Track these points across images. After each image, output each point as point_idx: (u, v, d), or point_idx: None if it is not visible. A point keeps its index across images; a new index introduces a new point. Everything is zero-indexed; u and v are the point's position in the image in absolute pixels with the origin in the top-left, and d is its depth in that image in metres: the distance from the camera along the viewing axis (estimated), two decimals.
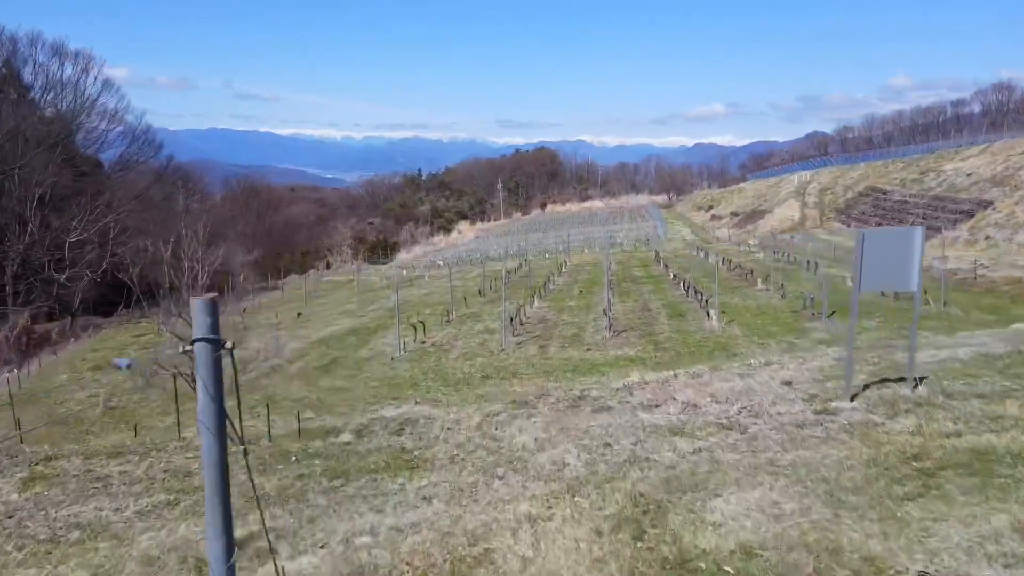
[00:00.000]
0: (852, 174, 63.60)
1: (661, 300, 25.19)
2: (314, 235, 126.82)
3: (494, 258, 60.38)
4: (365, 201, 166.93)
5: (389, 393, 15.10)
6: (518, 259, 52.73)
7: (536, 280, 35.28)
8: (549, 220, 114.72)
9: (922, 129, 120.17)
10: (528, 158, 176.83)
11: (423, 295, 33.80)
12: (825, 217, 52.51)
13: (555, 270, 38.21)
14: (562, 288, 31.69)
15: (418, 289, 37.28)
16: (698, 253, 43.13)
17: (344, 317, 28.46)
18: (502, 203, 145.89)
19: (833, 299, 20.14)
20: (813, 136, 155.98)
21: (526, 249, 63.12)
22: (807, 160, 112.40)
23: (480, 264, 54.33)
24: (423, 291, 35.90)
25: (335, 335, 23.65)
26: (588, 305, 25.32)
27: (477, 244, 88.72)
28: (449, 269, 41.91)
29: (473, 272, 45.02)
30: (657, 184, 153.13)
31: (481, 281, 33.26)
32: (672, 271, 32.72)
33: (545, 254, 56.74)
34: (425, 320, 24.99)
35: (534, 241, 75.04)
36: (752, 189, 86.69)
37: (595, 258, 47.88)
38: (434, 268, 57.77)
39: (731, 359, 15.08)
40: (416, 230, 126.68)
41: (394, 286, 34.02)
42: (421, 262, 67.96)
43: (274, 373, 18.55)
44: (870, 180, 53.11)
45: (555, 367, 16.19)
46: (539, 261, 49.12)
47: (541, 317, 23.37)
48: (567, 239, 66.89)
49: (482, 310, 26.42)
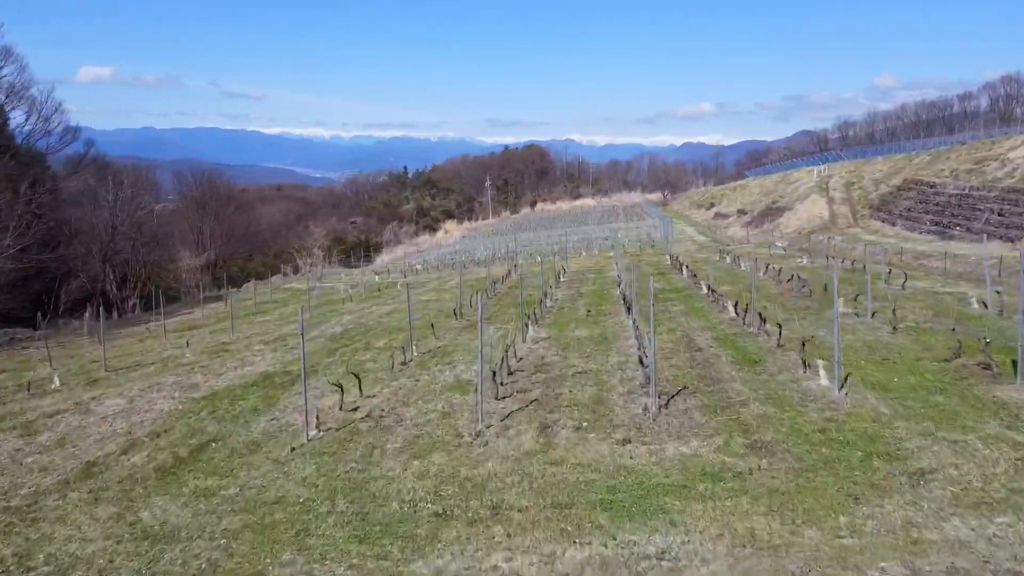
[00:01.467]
0: (875, 168, 56.37)
1: (707, 329, 17.51)
2: (294, 235, 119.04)
3: (480, 261, 52.58)
4: (349, 200, 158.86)
5: (236, 569, 7.34)
6: (506, 262, 44.97)
7: (529, 292, 27.57)
8: (540, 219, 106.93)
9: (925, 124, 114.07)
10: (517, 156, 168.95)
11: (384, 314, 25.96)
12: (859, 214, 45.18)
13: (551, 278, 30.57)
14: (563, 305, 23.96)
15: (381, 306, 29.41)
16: (722, 257, 35.52)
17: (272, 348, 20.61)
18: (491, 202, 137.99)
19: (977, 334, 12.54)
20: (810, 135, 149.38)
21: (516, 251, 55.38)
22: (810, 156, 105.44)
23: (463, 269, 46.56)
24: (387, 308, 28.05)
25: (239, 385, 15.81)
26: (604, 336, 17.60)
27: (463, 245, 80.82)
28: (407, 289, 34.15)
29: (452, 281, 37.30)
30: (650, 182, 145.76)
31: (458, 296, 25.50)
32: (703, 281, 25.07)
33: (537, 257, 49.06)
34: (372, 360, 17.19)
35: (524, 242, 67.30)
36: (757, 186, 79.34)
37: (596, 262, 40.17)
38: (411, 272, 49.88)
39: (917, 485, 7.54)
40: (400, 230, 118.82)
41: (347, 300, 26.48)
42: (399, 265, 60.05)
43: (59, 492, 10.46)
44: (905, 173, 45.87)
45: (572, 492, 8.46)
46: (531, 267, 41.38)
47: (539, 359, 15.63)
48: (563, 240, 59.22)
49: (455, 342, 18.65)
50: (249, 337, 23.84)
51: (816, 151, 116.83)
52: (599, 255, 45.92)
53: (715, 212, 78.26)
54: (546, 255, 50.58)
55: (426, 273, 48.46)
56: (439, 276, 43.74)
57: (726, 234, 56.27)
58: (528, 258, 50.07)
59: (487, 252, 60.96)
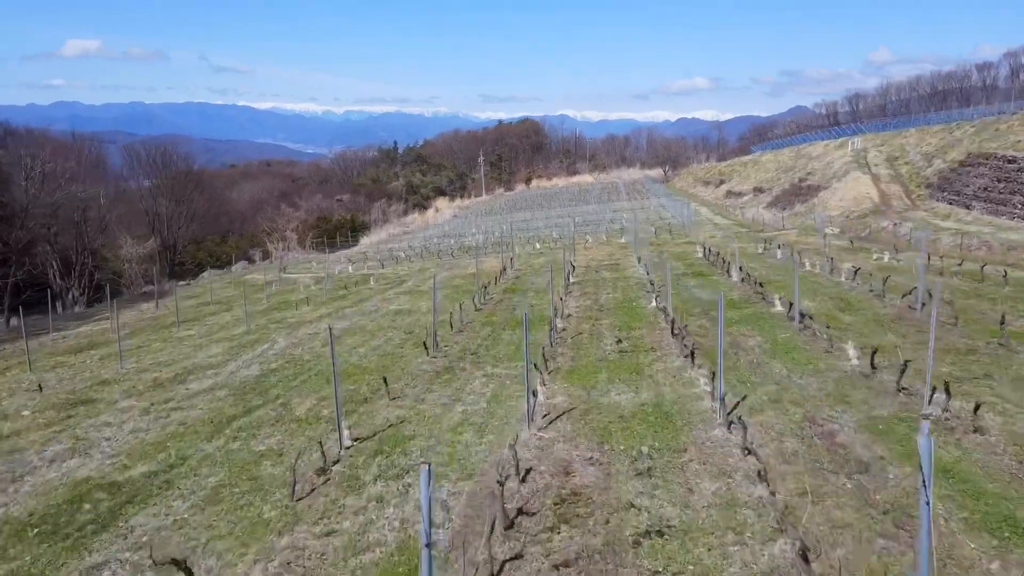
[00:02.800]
0: (914, 140, 48.96)
1: (836, 399, 10.38)
2: (278, 214, 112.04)
3: (470, 248, 45.34)
4: (337, 176, 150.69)
5: None
6: (500, 252, 37.76)
7: (531, 302, 20.37)
8: (535, 197, 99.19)
9: (941, 96, 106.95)
10: (511, 130, 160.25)
11: (343, 331, 18.77)
12: (915, 195, 37.97)
13: (558, 277, 23.50)
14: (580, 328, 16.83)
15: (338, 319, 22.16)
16: (767, 248, 28.39)
17: (145, 407, 13.51)
18: (483, 178, 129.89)
19: None
20: (804, 110, 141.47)
21: (511, 233, 48.10)
22: (824, 129, 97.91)
23: (451, 259, 39.31)
24: (343, 324, 20.79)
25: (37, 517, 8.76)
26: (662, 410, 10.45)
27: (454, 225, 73.27)
28: (379, 291, 25.98)
29: (431, 280, 30.14)
30: (649, 157, 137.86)
31: (435, 315, 18.36)
32: (774, 295, 17.96)
33: (536, 243, 41.83)
34: (274, 454, 10.00)
35: (520, 222, 59.95)
36: (772, 161, 71.93)
37: (610, 253, 32.95)
38: (392, 261, 42.60)
39: None
40: (389, 208, 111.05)
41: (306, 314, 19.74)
42: (382, 250, 52.64)
43: None
44: (965, 146, 38.59)
45: None
46: (531, 258, 34.12)
47: (560, 480, 8.47)
48: (564, 222, 51.93)
49: (418, 411, 11.50)
50: (140, 373, 16.64)
51: (827, 124, 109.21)
52: (610, 242, 38.69)
53: (726, 190, 70.97)
54: (546, 241, 43.30)
55: (408, 263, 41.18)
56: (421, 267, 36.49)
57: (747, 215, 49.04)
58: (526, 244, 42.83)
59: (479, 236, 53.62)
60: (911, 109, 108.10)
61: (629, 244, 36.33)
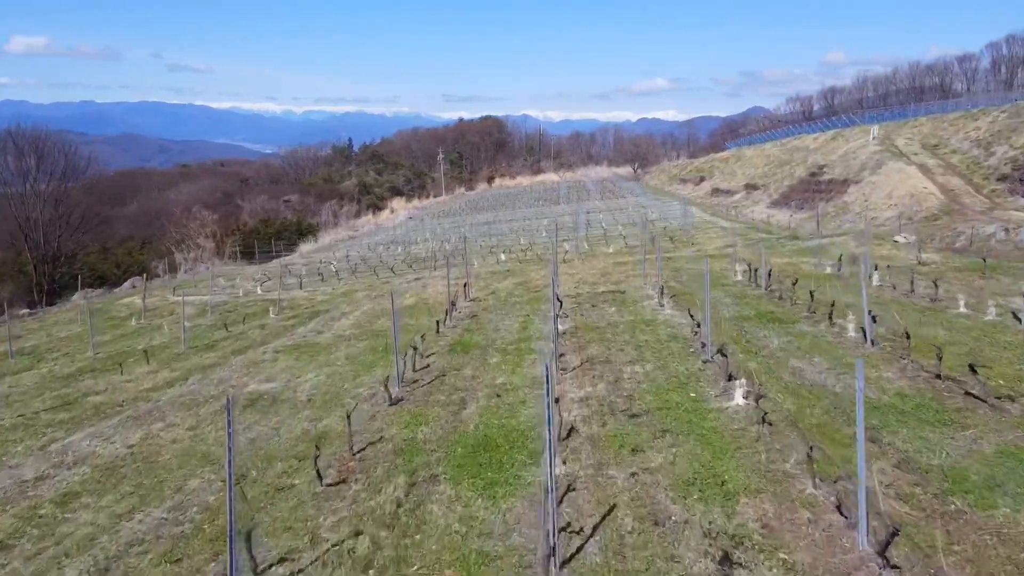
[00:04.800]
0: (957, 127, 40.52)
1: None
2: (221, 216, 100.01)
3: (417, 259, 35.56)
4: (289, 176, 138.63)
5: None
6: (456, 265, 28.03)
7: (495, 378, 10.63)
8: (498, 197, 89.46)
9: (919, 89, 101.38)
10: (473, 128, 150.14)
11: (173, 440, 8.99)
12: (986, 189, 29.59)
13: (536, 317, 14.02)
14: (611, 493, 7.37)
15: (203, 382, 12.26)
16: (835, 266, 19.33)
17: None
18: (443, 177, 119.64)
19: None
20: (762, 111, 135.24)
21: (470, 240, 38.48)
22: (806, 123, 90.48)
23: (391, 274, 29.44)
24: (159, 424, 10.97)
25: None
26: None
27: (407, 229, 63.00)
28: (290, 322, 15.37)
29: (366, 304, 20.29)
30: (617, 155, 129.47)
31: (286, 448, 8.63)
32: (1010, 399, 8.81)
33: (500, 254, 32.29)
34: None
35: (481, 226, 50.31)
36: (759, 156, 63.81)
37: (602, 270, 23.48)
38: (317, 278, 32.42)
39: None
40: (341, 209, 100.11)
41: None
42: (316, 260, 42.35)
43: None
44: None
45: None
46: (493, 279, 24.50)
47: None
48: (533, 225, 42.56)
49: None
50: None
51: (801, 120, 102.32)
52: (595, 252, 29.34)
53: (710, 187, 62.53)
54: (512, 251, 33.75)
55: (336, 280, 31.14)
56: (348, 291, 26.54)
57: (751, 216, 40.38)
58: (487, 254, 33.25)
59: (433, 242, 43.78)
60: (888, 102, 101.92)
61: (625, 254, 27.02)
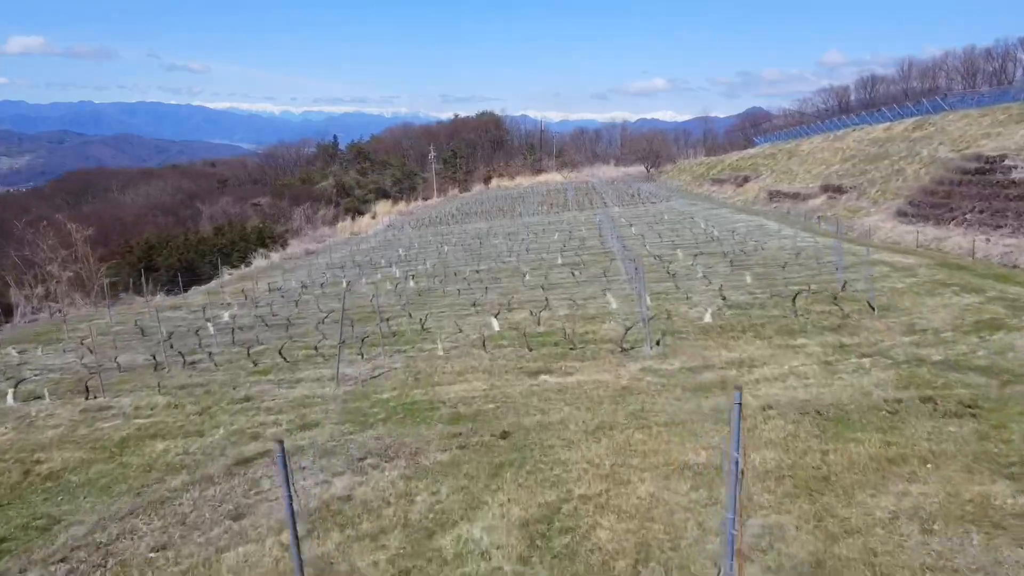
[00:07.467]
0: None
1: None
2: (178, 221, 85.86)
3: (362, 313, 21.60)
4: (268, 176, 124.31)
5: None
6: (412, 323, 13.95)
7: None
8: (495, 199, 75.27)
9: (972, 77, 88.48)
10: (469, 124, 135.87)
11: None
12: None
13: None
14: None
15: None
16: None
17: None
18: (435, 177, 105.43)
19: None
20: (759, 110, 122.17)
21: (451, 266, 24.62)
22: (870, 112, 76.54)
23: (298, 355, 15.34)
24: None
25: None
26: None
27: (381, 240, 48.61)
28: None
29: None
30: (625, 153, 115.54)
31: None
32: None
33: (492, 319, 18.47)
34: None
35: (471, 240, 36.29)
36: (824, 149, 50.03)
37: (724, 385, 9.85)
38: (226, 310, 18.42)
39: None
40: (315, 214, 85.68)
41: None
42: (248, 287, 28.25)
43: None
44: None
45: None
46: (460, 420, 10.52)
47: None
48: (545, 243, 28.62)
49: None
50: None
51: (836, 112, 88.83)
52: (688, 328, 15.45)
53: (765, 189, 48.58)
54: (515, 301, 19.69)
55: (208, 362, 17.14)
56: (202, 403, 12.63)
57: (878, 235, 26.70)
58: (466, 314, 19.22)
59: (395, 271, 29.71)
60: (939, 91, 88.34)
61: (743, 330, 13.19)
